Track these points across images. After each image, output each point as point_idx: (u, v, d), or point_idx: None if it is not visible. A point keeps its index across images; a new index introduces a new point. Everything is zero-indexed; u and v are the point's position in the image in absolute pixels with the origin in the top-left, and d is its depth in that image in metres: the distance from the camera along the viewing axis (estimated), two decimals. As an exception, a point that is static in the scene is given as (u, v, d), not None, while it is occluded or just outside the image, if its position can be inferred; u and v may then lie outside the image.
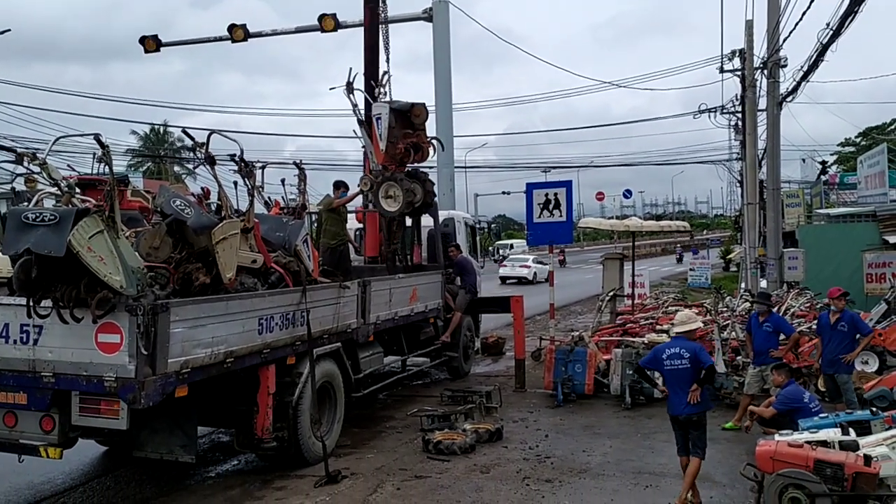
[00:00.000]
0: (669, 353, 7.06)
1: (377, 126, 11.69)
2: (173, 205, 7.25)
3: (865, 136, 48.78)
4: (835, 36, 14.11)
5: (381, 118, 11.62)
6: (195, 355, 6.67)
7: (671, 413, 7.09)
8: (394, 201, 11.58)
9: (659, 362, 7.13)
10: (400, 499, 7.34)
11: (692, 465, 6.84)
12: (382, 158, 11.76)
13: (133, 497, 7.83)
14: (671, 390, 7.08)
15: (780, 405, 7.82)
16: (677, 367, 6.96)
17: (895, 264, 17.27)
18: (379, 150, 11.69)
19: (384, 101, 12.07)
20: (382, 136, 11.62)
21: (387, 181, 11.48)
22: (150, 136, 53.04)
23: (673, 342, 7.24)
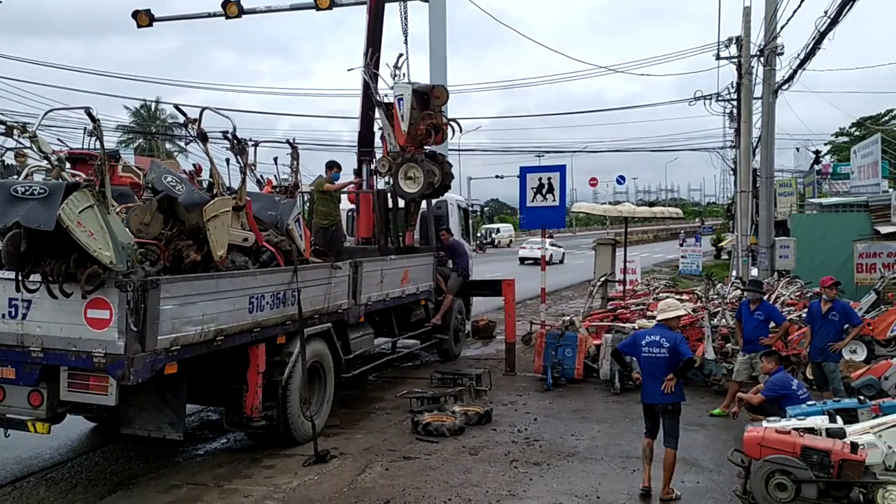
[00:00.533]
0: (649, 339, 6.97)
1: (398, 107, 11.60)
2: (164, 181, 7.19)
3: (860, 127, 48.85)
4: (832, 24, 14.10)
5: (402, 99, 11.54)
6: (185, 333, 6.64)
7: (644, 401, 7.06)
8: (413, 183, 11.52)
9: (637, 348, 7.04)
10: (388, 479, 7.36)
11: (668, 457, 6.78)
12: (403, 139, 11.67)
13: (121, 473, 7.82)
14: (646, 378, 7.01)
15: (768, 392, 7.84)
16: (655, 356, 6.88)
17: (885, 254, 17.35)
18: (400, 130, 11.61)
19: (405, 83, 11.97)
20: (404, 117, 11.54)
21: (406, 162, 11.41)
22: (141, 112, 52.64)
23: (654, 329, 7.15)
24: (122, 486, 7.38)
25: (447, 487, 7.11)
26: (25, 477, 7.77)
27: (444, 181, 12.30)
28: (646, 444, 7.02)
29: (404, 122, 11.53)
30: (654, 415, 7.01)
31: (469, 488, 7.09)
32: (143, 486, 7.34)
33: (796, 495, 5.24)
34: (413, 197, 11.87)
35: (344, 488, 7.13)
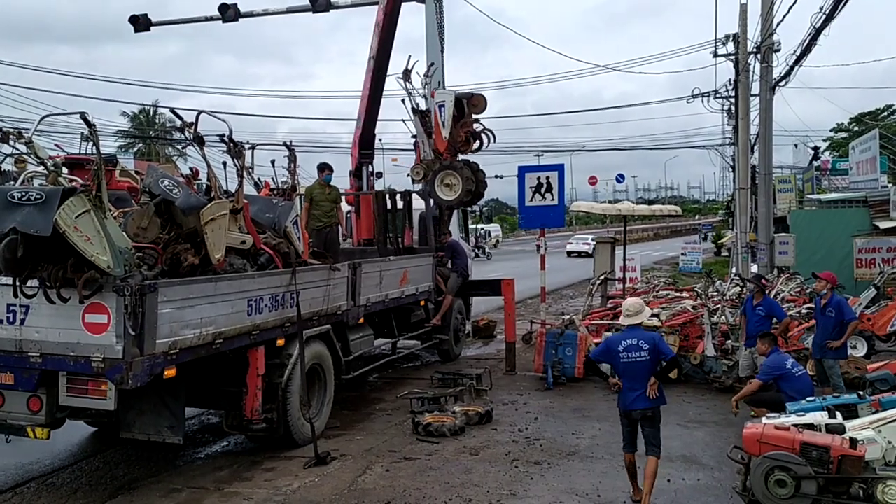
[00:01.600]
0: (626, 344, 6.55)
1: (440, 113, 11.60)
2: (162, 185, 7.19)
3: (858, 122, 48.85)
4: (828, 20, 14.10)
5: (444, 106, 11.54)
6: (183, 336, 6.65)
7: (624, 408, 6.64)
8: (451, 190, 11.52)
9: (614, 354, 6.62)
10: (389, 480, 7.36)
11: (650, 465, 6.46)
12: (444, 146, 11.66)
13: (121, 477, 7.82)
14: (626, 384, 6.57)
15: (763, 376, 7.86)
16: (635, 360, 6.49)
17: (885, 250, 17.34)
18: (441, 137, 11.61)
19: (447, 90, 12.00)
20: (445, 124, 11.55)
21: (444, 170, 11.39)
22: (139, 116, 52.65)
23: (629, 333, 6.66)
24: (123, 490, 7.38)
25: (448, 488, 7.11)
26: (26, 482, 7.77)
27: (479, 188, 12.31)
28: (628, 462, 6.72)
29: (445, 128, 11.52)
30: (633, 423, 6.64)
31: (470, 488, 7.09)
32: (143, 490, 7.34)
33: (796, 491, 5.23)
34: (451, 204, 11.88)
35: (344, 490, 7.13)
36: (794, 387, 7.69)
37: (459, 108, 11.74)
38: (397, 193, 13.43)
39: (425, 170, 11.45)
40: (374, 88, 13.70)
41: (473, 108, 11.94)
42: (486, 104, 12.05)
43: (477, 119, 12.15)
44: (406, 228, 13.50)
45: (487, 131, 12.42)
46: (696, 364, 11.31)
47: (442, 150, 11.70)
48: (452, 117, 11.70)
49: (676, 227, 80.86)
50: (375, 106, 14.02)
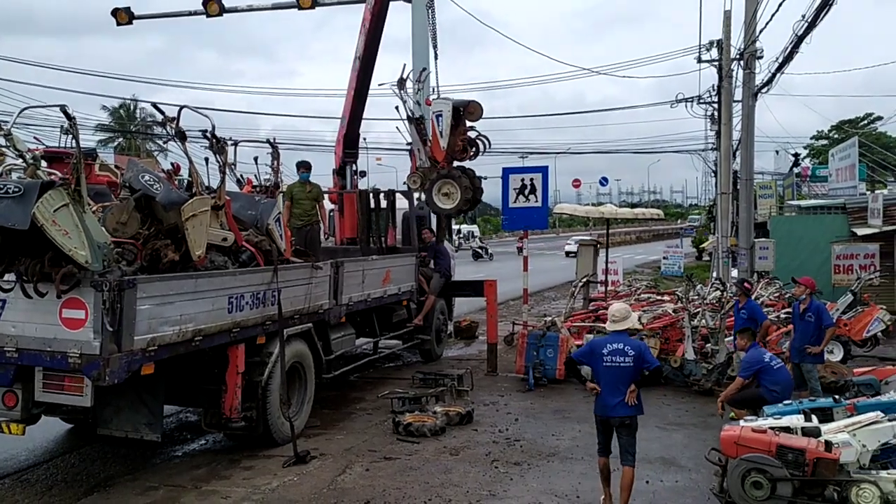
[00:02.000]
0: (611, 348, 6.41)
1: (437, 123, 11.50)
2: (142, 180, 7.13)
3: (838, 130, 49.41)
4: (810, 27, 14.24)
5: (441, 115, 11.46)
6: (162, 333, 6.60)
7: (601, 414, 6.48)
8: (448, 199, 11.40)
9: (597, 357, 6.46)
10: (368, 479, 7.35)
11: (625, 476, 6.34)
12: (442, 155, 11.59)
13: (98, 475, 7.74)
14: (606, 389, 6.40)
15: (744, 372, 7.97)
16: (619, 365, 6.34)
17: (862, 256, 17.52)
18: (438, 146, 11.49)
19: (444, 98, 11.95)
20: (443, 133, 11.45)
21: (442, 178, 11.27)
22: (119, 111, 52.19)
23: (614, 337, 6.52)
24: (99, 487, 7.31)
25: (427, 488, 7.10)
26: (1, 478, 7.67)
27: (476, 196, 12.29)
28: (602, 465, 6.57)
29: (443, 138, 11.43)
30: (609, 429, 6.51)
31: (449, 488, 7.09)
32: (119, 487, 7.27)
33: (772, 493, 5.28)
34: (448, 213, 11.79)
35: (324, 489, 7.10)
36: (774, 379, 7.85)
37: (456, 116, 11.72)
38: (381, 193, 13.42)
39: (422, 178, 11.36)
40: (359, 88, 13.67)
41: (469, 116, 11.91)
42: (482, 112, 12.04)
43: (472, 126, 12.14)
44: (389, 228, 13.49)
45: (483, 138, 12.43)
46: (676, 367, 11.38)
47: (440, 160, 11.65)
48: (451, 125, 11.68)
49: (659, 230, 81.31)
50: (360, 105, 13.99)
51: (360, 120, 14.37)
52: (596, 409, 6.57)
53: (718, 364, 11.01)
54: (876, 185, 30.95)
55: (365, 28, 13.29)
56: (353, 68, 13.59)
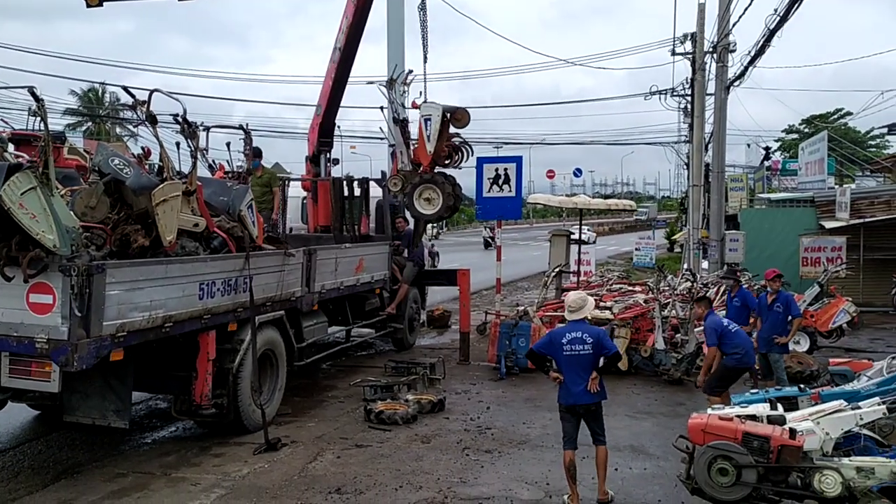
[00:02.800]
0: (570, 337, 6.48)
1: (425, 127, 11.39)
2: (112, 164, 7.05)
3: (809, 124, 50.08)
4: (782, 21, 14.42)
5: (430, 119, 11.35)
6: (132, 319, 6.54)
7: (567, 402, 6.53)
8: (430, 204, 11.26)
9: (557, 347, 6.53)
10: (339, 467, 7.35)
11: (601, 454, 6.53)
12: (428, 160, 11.48)
13: (65, 462, 7.66)
14: (569, 378, 6.47)
15: (712, 339, 8.42)
16: (579, 353, 6.43)
17: (829, 249, 17.82)
18: (424, 151, 11.37)
19: (435, 103, 11.86)
20: (431, 138, 11.35)
21: (424, 183, 11.12)
22: (88, 95, 51.31)
23: (573, 326, 6.59)
24: (66, 474, 7.24)
25: (399, 475, 7.13)
26: (-35, 466, 7.57)
27: (456, 203, 12.26)
28: (568, 460, 6.47)
29: (431, 143, 11.34)
30: (576, 417, 6.58)
31: (420, 475, 7.12)
32: (87, 474, 7.21)
33: (737, 480, 5.36)
34: (429, 219, 11.67)
35: (294, 476, 7.09)
36: (734, 342, 8.32)
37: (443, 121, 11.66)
38: (355, 181, 13.36)
39: (403, 181, 11.25)
40: (338, 78, 13.53)
41: (456, 123, 11.85)
42: (469, 119, 11.99)
43: (457, 133, 12.08)
44: (363, 216, 13.44)
45: (466, 145, 12.40)
46: (646, 356, 11.51)
47: (425, 164, 11.57)
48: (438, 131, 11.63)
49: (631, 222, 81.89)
50: (338, 96, 13.87)
51: (337, 109, 14.27)
52: (560, 398, 6.63)
53: (688, 354, 11.15)
54: (844, 179, 31.43)
55: (347, 20, 13.16)
56: (332, 59, 13.44)
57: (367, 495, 6.63)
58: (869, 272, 18.82)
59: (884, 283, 18.67)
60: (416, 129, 11.73)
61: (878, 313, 18.20)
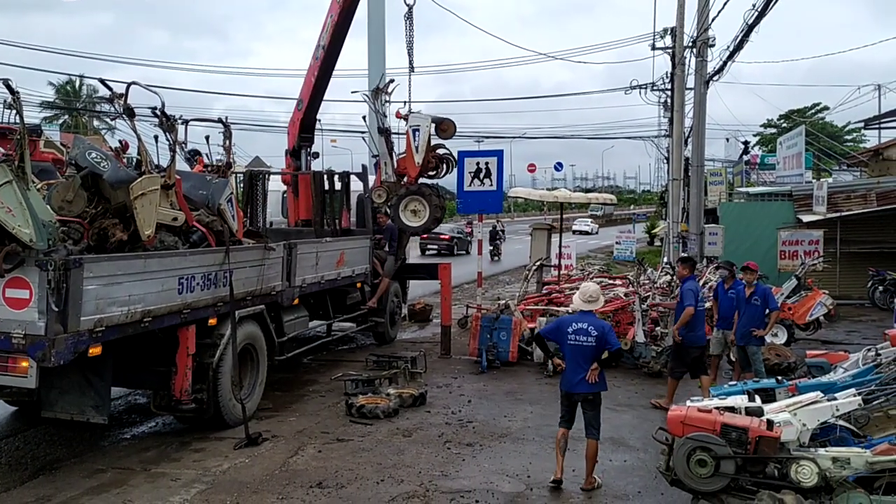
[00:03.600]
0: (576, 327, 6.76)
1: (413, 138, 11.27)
2: (89, 157, 6.97)
3: (787, 119, 50.53)
4: (760, 16, 14.52)
5: (419, 130, 11.25)
6: (110, 313, 6.49)
7: (566, 389, 6.83)
8: (416, 216, 11.10)
9: (563, 334, 6.81)
10: (321, 461, 7.34)
11: (590, 448, 6.73)
12: (416, 171, 11.35)
13: (43, 458, 7.59)
14: (570, 365, 6.78)
15: (691, 300, 9.20)
16: (582, 344, 6.70)
17: (806, 242, 18.01)
18: (414, 162, 11.25)
19: (423, 114, 11.79)
20: (419, 149, 11.25)
21: (411, 195, 10.94)
22: (65, 88, 50.65)
23: (581, 317, 6.86)
24: (44, 470, 7.18)
25: (380, 469, 7.13)
26: (-60, 463, 7.48)
27: (441, 215, 12.23)
28: (560, 435, 6.83)
29: (419, 154, 11.23)
30: (572, 404, 6.84)
31: (402, 469, 7.13)
32: (66, 470, 7.15)
33: (716, 471, 5.40)
34: (416, 231, 11.51)
35: (275, 470, 7.08)
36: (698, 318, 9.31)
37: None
38: (335, 175, 13.31)
39: (388, 192, 11.09)
40: (321, 77, 13.46)
41: (442, 133, 11.78)
42: (455, 130, 11.93)
43: (442, 143, 12.02)
44: (343, 210, 13.40)
45: (451, 156, 12.38)
46: (626, 349, 11.56)
47: (413, 175, 11.46)
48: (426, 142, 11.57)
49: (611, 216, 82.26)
50: (321, 93, 13.80)
51: (320, 105, 14.22)
52: (561, 384, 6.95)
53: (667, 347, 11.23)
54: (821, 173, 31.78)
55: (332, 19, 13.04)
56: (315, 56, 13.33)
57: (348, 489, 6.63)
58: (845, 265, 19.08)
59: (860, 277, 18.93)
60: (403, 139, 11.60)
61: (855, 306, 18.46)
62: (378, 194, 11.00)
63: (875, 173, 22.74)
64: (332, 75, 13.88)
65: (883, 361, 6.95)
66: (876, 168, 23.20)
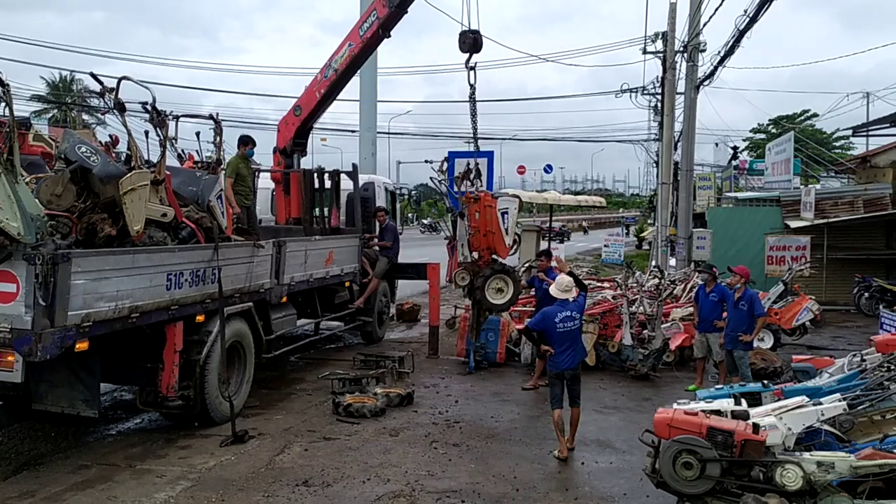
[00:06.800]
0: (563, 316, 7.63)
1: (502, 220, 11.10)
2: (78, 151, 6.93)
3: (776, 125, 50.82)
4: (751, 22, 14.60)
5: (507, 212, 11.16)
6: (98, 308, 6.45)
7: (561, 369, 7.64)
8: (500, 294, 10.89)
9: (552, 325, 7.62)
10: (307, 459, 7.33)
11: (576, 415, 7.80)
12: (507, 253, 11.24)
13: (27, 453, 7.54)
14: (561, 348, 7.61)
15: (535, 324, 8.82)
16: (571, 328, 7.64)
17: (794, 248, 18.13)
18: (504, 244, 11.07)
19: (511, 196, 11.78)
20: (510, 231, 11.20)
21: (495, 274, 10.78)
22: (57, 83, 50.32)
23: (562, 306, 7.71)
24: (28, 466, 7.13)
25: (366, 468, 7.12)
26: (-78, 457, 7.41)
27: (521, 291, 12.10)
28: (558, 417, 7.61)
29: (509, 235, 11.13)
30: (562, 381, 7.68)
31: (388, 468, 7.12)
32: (50, 466, 7.10)
33: (701, 473, 5.43)
34: (502, 308, 11.29)
35: (261, 468, 7.06)
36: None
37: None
38: (325, 173, 13.28)
39: (471, 274, 10.86)
40: (327, 95, 13.46)
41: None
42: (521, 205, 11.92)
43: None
44: (333, 209, 13.37)
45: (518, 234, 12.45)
46: (613, 352, 11.62)
47: (504, 256, 11.29)
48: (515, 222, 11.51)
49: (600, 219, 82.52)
50: (322, 108, 13.81)
51: (319, 117, 14.23)
52: (552, 367, 7.77)
53: (654, 350, 11.28)
54: (809, 179, 31.95)
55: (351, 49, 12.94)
56: (324, 74, 13.20)
57: (334, 488, 6.62)
58: (832, 271, 19.22)
59: (846, 282, 19.07)
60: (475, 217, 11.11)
61: (840, 312, 18.58)
62: (461, 277, 10.85)
63: (862, 180, 22.88)
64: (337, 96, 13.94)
65: (868, 367, 7.00)
66: (863, 175, 23.34)
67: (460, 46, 11.37)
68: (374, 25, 12.72)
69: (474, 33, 11.37)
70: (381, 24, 12.68)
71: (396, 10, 12.62)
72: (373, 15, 12.76)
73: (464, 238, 10.97)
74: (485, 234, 10.88)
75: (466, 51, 11.37)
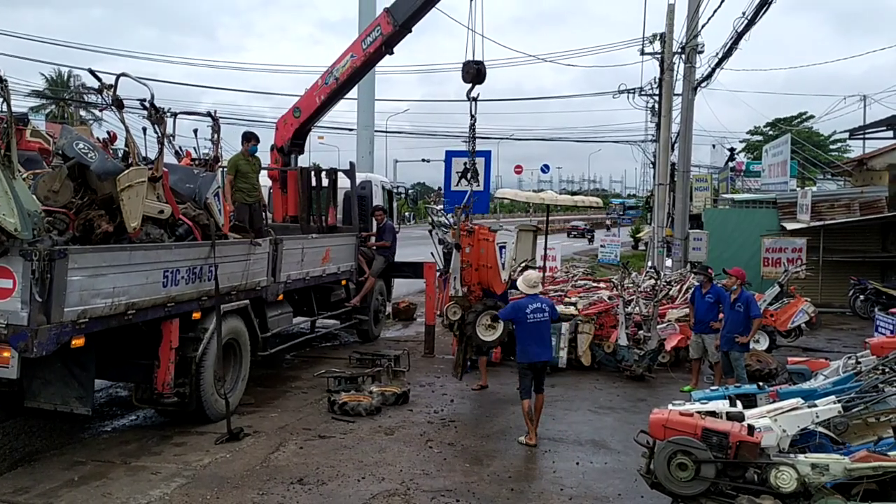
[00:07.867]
0: (533, 307, 8.10)
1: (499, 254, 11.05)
2: (76, 147, 6.92)
3: (773, 127, 50.89)
4: (750, 24, 14.62)
5: (505, 247, 11.15)
6: (94, 305, 6.44)
7: (530, 360, 8.06)
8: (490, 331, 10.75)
9: (522, 316, 8.08)
10: (302, 457, 7.33)
11: (540, 400, 8.20)
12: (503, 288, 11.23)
13: (21, 449, 7.52)
14: (531, 341, 8.05)
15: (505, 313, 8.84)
16: (540, 320, 8.09)
17: (790, 250, 18.16)
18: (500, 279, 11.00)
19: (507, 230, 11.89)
20: (506, 266, 11.21)
21: (487, 310, 10.76)
22: (55, 79, 50.20)
23: (531, 299, 8.18)
24: (23, 462, 7.12)
25: (361, 466, 7.13)
26: (-83, 453, 7.39)
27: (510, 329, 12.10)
28: (527, 406, 8.05)
29: (505, 270, 11.10)
30: (532, 372, 8.07)
31: (383, 467, 7.13)
32: (44, 462, 7.09)
33: (696, 475, 5.44)
34: (490, 346, 11.24)
35: (256, 466, 7.06)
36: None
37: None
38: (322, 171, 13.28)
39: (462, 308, 10.80)
40: (327, 101, 13.47)
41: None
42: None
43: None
44: (330, 207, 13.37)
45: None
46: (609, 352, 11.64)
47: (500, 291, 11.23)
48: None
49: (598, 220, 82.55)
50: (322, 112, 13.82)
51: (318, 120, 14.24)
52: (522, 358, 8.14)
53: (650, 350, 11.30)
54: (806, 181, 32.03)
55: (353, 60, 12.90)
56: (325, 81, 13.17)
57: (329, 486, 6.62)
58: (828, 273, 19.27)
59: (842, 285, 19.12)
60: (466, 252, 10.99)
61: (836, 314, 18.63)
62: (453, 311, 10.78)
63: (859, 183, 22.96)
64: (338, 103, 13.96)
65: (863, 370, 7.03)
66: (860, 178, 23.42)
67: (463, 77, 11.16)
68: (377, 41, 12.72)
69: (478, 64, 11.26)
70: (384, 41, 12.69)
71: (401, 30, 12.62)
72: (376, 30, 12.75)
73: (457, 271, 10.88)
74: (477, 268, 10.54)
75: (469, 81, 11.14)
